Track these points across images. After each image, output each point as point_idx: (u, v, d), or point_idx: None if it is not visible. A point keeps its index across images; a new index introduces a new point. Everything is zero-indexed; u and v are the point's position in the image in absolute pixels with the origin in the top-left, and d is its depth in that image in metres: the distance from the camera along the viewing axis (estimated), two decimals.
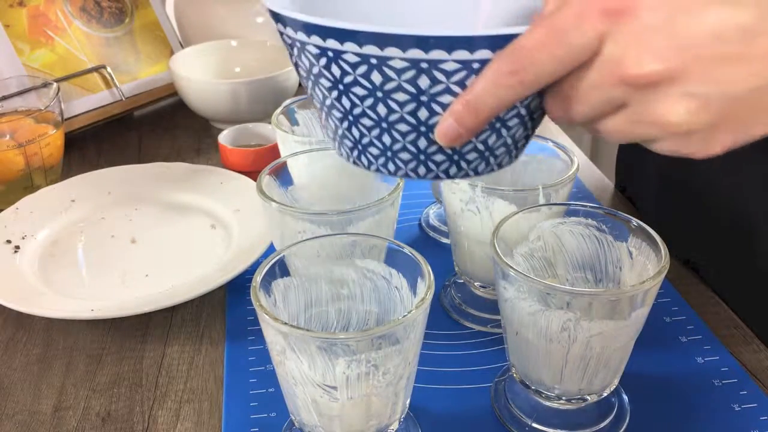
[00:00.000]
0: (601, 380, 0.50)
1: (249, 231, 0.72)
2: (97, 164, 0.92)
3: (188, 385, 0.58)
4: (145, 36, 1.04)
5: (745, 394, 0.55)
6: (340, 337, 0.42)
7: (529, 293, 0.46)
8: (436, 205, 0.80)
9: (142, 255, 0.72)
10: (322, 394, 0.43)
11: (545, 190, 0.56)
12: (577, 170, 0.58)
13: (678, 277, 0.69)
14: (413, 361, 0.46)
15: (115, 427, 0.54)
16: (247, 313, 0.65)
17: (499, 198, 0.56)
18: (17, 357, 0.61)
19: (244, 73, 1.07)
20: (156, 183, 0.82)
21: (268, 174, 0.58)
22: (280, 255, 0.47)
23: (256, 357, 0.60)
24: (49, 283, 0.67)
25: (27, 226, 0.74)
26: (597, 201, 0.81)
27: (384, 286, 0.49)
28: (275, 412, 0.54)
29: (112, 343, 0.63)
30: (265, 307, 0.43)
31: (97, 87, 0.97)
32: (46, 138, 0.81)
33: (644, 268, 0.49)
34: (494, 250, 0.48)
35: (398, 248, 0.48)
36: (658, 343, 0.60)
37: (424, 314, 0.44)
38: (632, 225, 0.50)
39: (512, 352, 0.52)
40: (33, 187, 0.81)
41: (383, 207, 0.55)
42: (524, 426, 0.53)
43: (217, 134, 0.88)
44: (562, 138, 0.98)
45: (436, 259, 0.68)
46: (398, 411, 0.48)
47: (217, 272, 0.66)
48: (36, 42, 0.93)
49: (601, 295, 0.46)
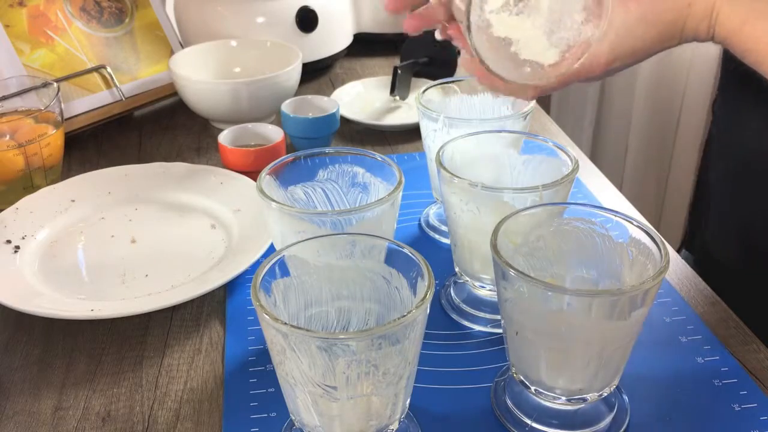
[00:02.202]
0: (601, 380, 0.50)
1: (249, 231, 0.72)
2: (97, 164, 0.92)
3: (188, 385, 0.58)
4: (145, 36, 1.04)
5: (745, 394, 0.55)
6: (340, 337, 0.42)
7: (529, 293, 0.46)
8: (436, 205, 0.80)
9: (142, 255, 0.72)
10: (322, 394, 0.43)
11: (545, 190, 0.56)
12: (577, 170, 0.58)
13: (678, 277, 0.69)
14: (413, 361, 0.46)
15: (115, 427, 0.54)
16: (247, 314, 0.65)
17: (499, 198, 0.56)
18: (17, 357, 0.61)
19: (244, 73, 1.07)
20: (156, 183, 0.82)
21: (268, 174, 0.58)
22: (280, 255, 0.47)
23: (256, 357, 0.60)
24: (49, 283, 0.67)
25: (27, 226, 0.74)
26: (597, 201, 0.81)
27: (384, 286, 0.49)
28: (275, 412, 0.54)
29: (112, 343, 0.63)
30: (265, 307, 0.43)
31: (97, 87, 0.97)
32: (46, 138, 0.81)
33: (644, 268, 0.49)
34: (494, 250, 0.48)
35: (398, 248, 0.48)
36: (658, 343, 0.60)
37: (424, 314, 0.44)
38: (632, 225, 0.50)
39: (512, 352, 0.52)
40: (33, 187, 0.81)
41: (383, 207, 0.55)
42: (524, 426, 0.53)
43: (217, 134, 0.88)
44: (562, 138, 0.98)
45: (436, 259, 0.69)
46: (398, 411, 0.48)
47: (217, 272, 0.66)
48: (36, 42, 0.93)
49: (601, 295, 0.46)
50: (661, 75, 1.69)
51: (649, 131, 1.78)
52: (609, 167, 1.88)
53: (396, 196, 0.56)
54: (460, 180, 0.56)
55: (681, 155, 1.74)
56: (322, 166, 0.61)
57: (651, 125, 1.77)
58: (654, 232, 0.49)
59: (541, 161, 0.62)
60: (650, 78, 1.71)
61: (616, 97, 1.84)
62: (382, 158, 0.60)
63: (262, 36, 1.09)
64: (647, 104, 1.75)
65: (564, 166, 0.60)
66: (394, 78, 1.03)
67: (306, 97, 0.95)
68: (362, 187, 0.61)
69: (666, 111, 1.74)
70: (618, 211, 0.51)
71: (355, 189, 0.62)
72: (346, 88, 1.08)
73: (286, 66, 0.98)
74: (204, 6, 1.11)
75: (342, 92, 1.06)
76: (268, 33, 1.10)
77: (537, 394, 0.52)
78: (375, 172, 0.61)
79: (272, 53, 1.05)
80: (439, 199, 0.78)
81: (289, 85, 0.98)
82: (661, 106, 1.74)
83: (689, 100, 1.68)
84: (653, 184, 1.84)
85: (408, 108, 1.03)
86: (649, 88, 1.72)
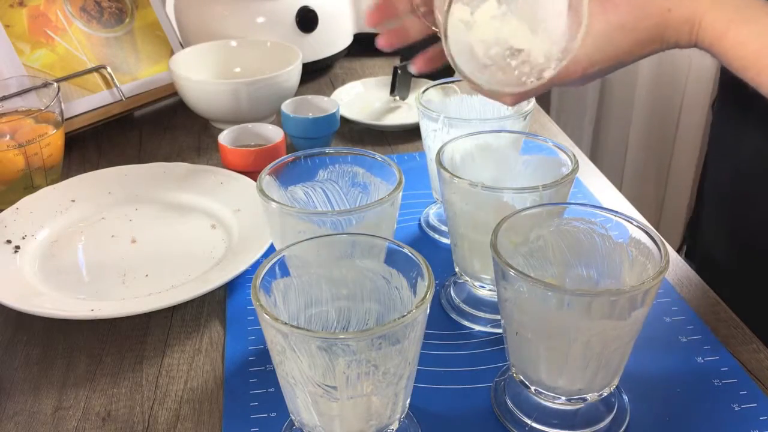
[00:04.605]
0: (601, 380, 0.50)
1: (249, 231, 0.72)
2: (97, 164, 0.92)
3: (188, 385, 0.58)
4: (145, 36, 1.04)
5: (745, 394, 0.55)
6: (340, 337, 0.42)
7: (529, 293, 0.46)
8: (436, 205, 0.80)
9: (142, 255, 0.72)
10: (322, 394, 0.43)
11: (545, 190, 0.56)
12: (576, 170, 0.58)
13: (678, 277, 0.69)
14: (413, 361, 0.46)
15: (115, 427, 0.54)
16: (247, 314, 0.65)
17: (499, 198, 0.56)
18: (17, 357, 0.61)
19: (244, 73, 1.07)
20: (156, 183, 0.82)
21: (268, 174, 0.58)
22: (280, 255, 0.47)
23: (256, 357, 0.60)
24: (49, 283, 0.67)
25: (27, 226, 0.74)
26: (597, 201, 0.81)
27: (384, 286, 0.49)
28: (275, 412, 0.54)
29: (112, 343, 0.63)
30: (265, 307, 0.43)
31: (97, 87, 0.97)
32: (46, 138, 0.81)
33: (644, 268, 0.49)
34: (494, 250, 0.48)
35: (398, 248, 0.48)
36: (658, 343, 0.60)
37: (424, 314, 0.44)
38: (632, 225, 0.50)
39: (512, 352, 0.52)
40: (33, 187, 0.81)
41: (383, 207, 0.55)
42: (524, 426, 0.53)
43: (217, 134, 0.88)
44: (562, 138, 0.98)
45: (436, 259, 0.69)
46: (398, 411, 0.48)
47: (217, 272, 0.66)
48: (36, 42, 0.93)
49: (601, 295, 0.46)
50: (661, 75, 1.69)
51: (649, 131, 1.78)
52: (609, 167, 1.88)
53: (396, 196, 0.56)
54: (460, 180, 0.56)
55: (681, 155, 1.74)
56: (322, 166, 0.61)
57: (651, 125, 1.77)
58: (654, 232, 0.49)
59: (541, 161, 0.62)
60: (650, 78, 1.71)
61: (616, 97, 1.84)
62: (382, 158, 0.60)
63: (262, 36, 1.09)
64: (647, 104, 1.75)
65: (564, 166, 0.60)
66: (394, 78, 1.03)
67: (306, 97, 0.95)
68: (362, 187, 0.61)
69: (666, 111, 1.74)
70: (618, 211, 0.51)
71: (355, 189, 0.62)
72: (346, 88, 1.08)
73: (286, 66, 0.98)
74: (204, 6, 1.11)
75: (342, 92, 1.06)
76: (268, 33, 1.10)
77: (537, 394, 0.52)
78: (375, 172, 0.61)
79: (272, 53, 1.05)
80: (439, 199, 0.78)
81: (289, 85, 0.98)
82: (661, 106, 1.74)
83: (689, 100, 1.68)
84: (653, 184, 1.84)
85: (408, 108, 1.03)
86: (649, 88, 1.72)
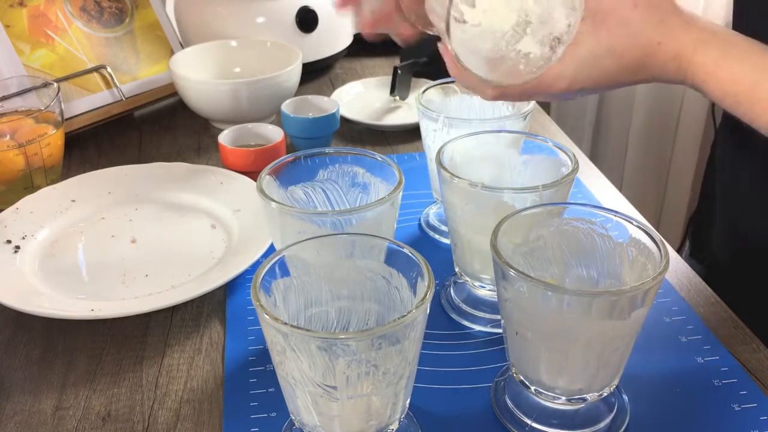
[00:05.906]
0: (601, 380, 0.50)
1: (249, 231, 0.72)
2: (97, 164, 0.92)
3: (188, 385, 0.58)
4: (145, 36, 1.04)
5: (745, 394, 0.55)
6: (340, 337, 0.42)
7: (529, 293, 0.46)
8: (436, 205, 0.80)
9: (142, 255, 0.72)
10: (322, 394, 0.43)
11: (545, 190, 0.56)
12: (576, 170, 0.58)
13: (678, 277, 0.69)
14: (413, 361, 0.46)
15: (115, 427, 0.54)
16: (247, 314, 0.65)
17: (499, 198, 0.56)
18: (17, 357, 0.61)
19: (244, 73, 1.07)
20: (156, 183, 0.82)
21: (268, 174, 0.58)
22: (280, 255, 0.47)
23: (256, 357, 0.60)
24: (49, 283, 0.67)
25: (27, 226, 0.74)
26: (597, 201, 0.81)
27: (384, 286, 0.49)
28: (275, 412, 0.54)
29: (112, 343, 0.63)
30: (265, 307, 0.43)
31: (97, 87, 0.97)
32: (46, 138, 0.81)
33: (644, 268, 0.49)
34: (494, 250, 0.48)
35: (398, 248, 0.48)
36: (658, 343, 0.60)
37: (424, 314, 0.44)
38: (632, 225, 0.50)
39: (512, 352, 0.52)
40: (33, 187, 0.81)
41: (383, 207, 0.55)
42: (524, 426, 0.53)
43: (217, 134, 0.88)
44: (562, 138, 0.98)
45: (436, 259, 0.69)
46: (398, 411, 0.48)
47: (217, 272, 0.66)
48: (36, 42, 0.93)
49: (601, 295, 0.46)
50: None
51: (649, 131, 1.78)
52: (609, 167, 1.88)
53: (396, 196, 0.56)
54: (460, 180, 0.56)
55: (681, 155, 1.74)
56: (322, 166, 0.61)
57: (651, 125, 1.77)
58: (654, 232, 0.49)
59: (541, 161, 0.62)
60: None
61: (616, 98, 1.84)
62: (382, 158, 0.60)
63: (262, 36, 1.09)
64: (647, 104, 1.75)
65: (564, 166, 0.60)
66: (394, 78, 1.03)
67: (306, 97, 0.95)
68: (362, 187, 0.61)
69: (666, 111, 1.74)
70: (618, 211, 0.51)
71: (355, 189, 0.62)
72: (346, 88, 1.08)
73: (286, 66, 0.98)
74: (204, 6, 1.11)
75: (342, 92, 1.06)
76: (268, 33, 1.10)
77: (537, 394, 0.52)
78: (375, 172, 0.61)
79: (272, 53, 1.05)
80: (439, 199, 0.78)
81: (289, 85, 0.98)
82: (661, 107, 1.74)
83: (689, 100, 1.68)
84: (653, 184, 1.84)
85: (408, 108, 1.03)
86: (649, 88, 1.72)
